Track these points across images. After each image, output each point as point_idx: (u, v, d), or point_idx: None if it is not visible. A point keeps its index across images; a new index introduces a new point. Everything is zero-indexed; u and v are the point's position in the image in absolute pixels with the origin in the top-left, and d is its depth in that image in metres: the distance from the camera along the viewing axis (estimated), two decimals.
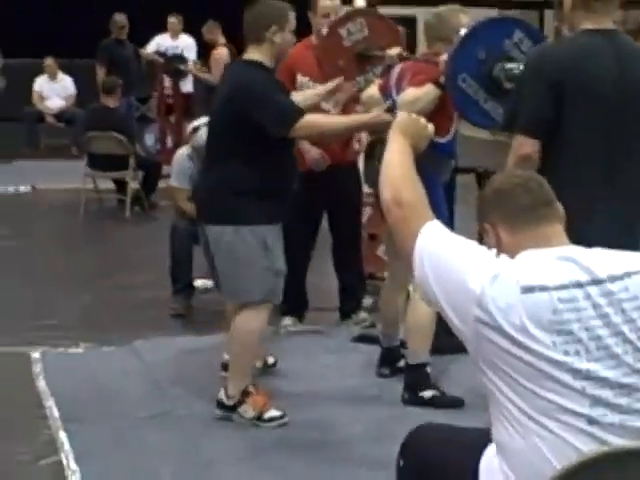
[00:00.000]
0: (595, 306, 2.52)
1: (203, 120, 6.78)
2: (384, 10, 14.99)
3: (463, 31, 4.64)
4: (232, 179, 4.55)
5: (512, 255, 2.63)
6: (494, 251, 2.67)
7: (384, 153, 3.02)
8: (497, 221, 2.72)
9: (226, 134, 4.58)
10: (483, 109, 4.57)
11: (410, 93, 4.76)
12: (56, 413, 4.79)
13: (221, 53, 11.34)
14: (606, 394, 2.49)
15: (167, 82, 12.62)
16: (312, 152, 5.71)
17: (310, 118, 4.56)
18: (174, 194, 6.91)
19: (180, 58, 12.46)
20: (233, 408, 4.66)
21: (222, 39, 11.55)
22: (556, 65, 3.78)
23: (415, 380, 4.91)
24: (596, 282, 2.54)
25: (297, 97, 4.95)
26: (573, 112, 3.76)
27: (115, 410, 4.85)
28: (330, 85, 5.09)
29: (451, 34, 4.79)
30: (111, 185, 10.51)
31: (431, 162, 4.86)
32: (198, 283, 6.90)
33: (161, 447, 4.44)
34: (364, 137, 6.01)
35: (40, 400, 4.97)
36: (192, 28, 12.63)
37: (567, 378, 2.48)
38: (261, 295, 4.58)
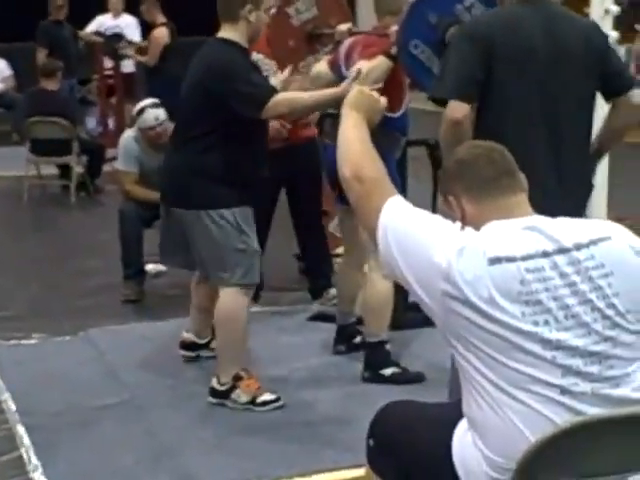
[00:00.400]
0: (562, 275, 2.52)
1: (148, 101, 6.70)
2: None
3: None
4: (203, 163, 4.51)
5: (477, 227, 2.62)
6: (458, 224, 2.65)
7: (330, 127, 2.99)
8: (460, 193, 2.72)
9: (198, 116, 4.52)
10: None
11: (361, 66, 4.71)
12: (13, 407, 4.71)
13: (160, 33, 11.10)
14: (577, 363, 2.48)
15: (108, 63, 12.41)
16: (271, 123, 5.63)
17: (280, 96, 4.52)
18: (120, 178, 6.81)
19: (118, 37, 12.23)
20: (226, 394, 4.61)
21: (161, 18, 11.32)
22: (485, 29, 3.78)
23: (375, 358, 4.90)
24: (562, 251, 2.54)
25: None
26: (503, 75, 3.75)
27: (73, 401, 4.78)
28: (282, 76, 5.09)
29: (401, 6, 4.75)
30: (54, 171, 10.35)
31: (383, 139, 4.82)
32: (149, 267, 6.83)
33: (122, 437, 4.38)
34: None
35: None
36: (135, 7, 12.41)
37: (537, 348, 2.47)
38: (238, 277, 4.54)
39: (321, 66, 5.13)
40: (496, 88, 3.76)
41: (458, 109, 3.73)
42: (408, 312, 5.20)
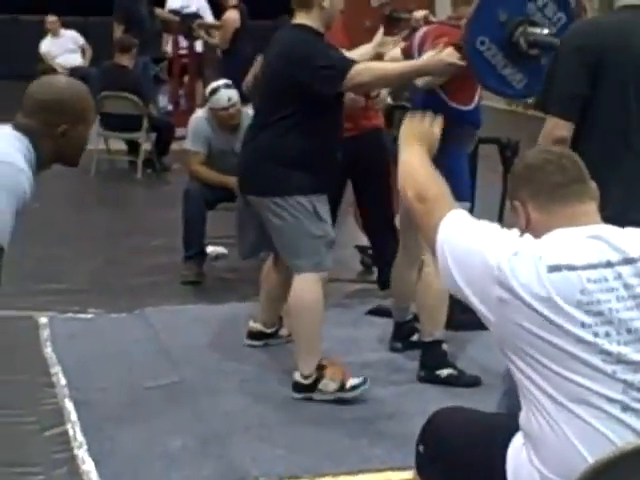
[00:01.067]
0: (626, 286, 2.43)
1: (221, 82, 6.65)
2: None
3: None
4: (283, 148, 4.47)
5: (541, 234, 2.54)
6: (516, 231, 2.56)
7: (401, 119, 2.95)
8: (527, 199, 2.64)
9: (278, 102, 4.48)
10: (501, 75, 4.40)
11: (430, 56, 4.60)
12: (63, 381, 4.69)
13: (230, 16, 11.04)
14: (638, 378, 2.38)
15: (183, 42, 12.40)
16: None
17: (361, 65, 4.45)
18: (188, 157, 6.77)
19: (195, 16, 12.20)
20: (313, 387, 4.52)
21: (233, 0, 11.31)
22: (594, 42, 3.62)
23: (431, 358, 4.79)
24: (628, 261, 2.45)
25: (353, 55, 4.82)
26: (607, 91, 3.62)
27: (124, 379, 4.75)
28: (378, 37, 5.06)
29: None
30: (123, 146, 10.37)
31: (455, 132, 4.72)
32: (210, 249, 6.79)
33: (171, 419, 4.33)
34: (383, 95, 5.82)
35: (47, 367, 4.87)
36: None
37: (597, 361, 2.38)
38: (314, 263, 4.48)
39: (395, 52, 5.04)
40: (598, 103, 3.65)
41: (562, 127, 3.65)
42: (466, 313, 5.08)
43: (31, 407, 4.44)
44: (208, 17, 12.30)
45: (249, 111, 6.70)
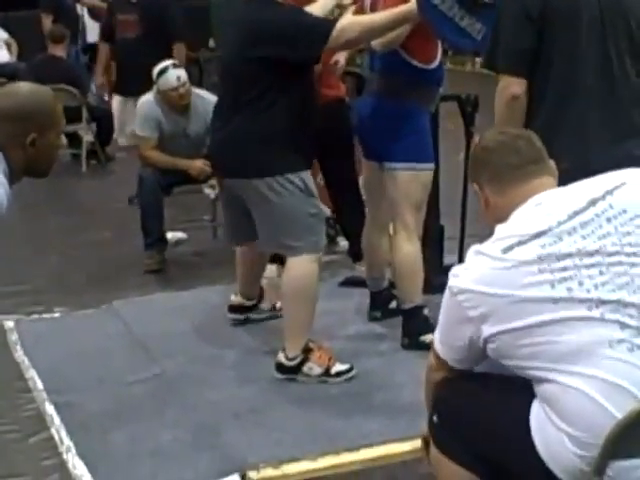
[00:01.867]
0: (584, 236, 2.43)
1: (169, 62, 6.48)
2: None
3: None
4: (263, 127, 4.29)
5: (499, 216, 2.60)
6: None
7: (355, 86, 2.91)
8: (484, 182, 2.70)
9: (252, 79, 4.29)
10: (459, 27, 4.28)
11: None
12: (40, 385, 4.54)
13: None
14: (629, 314, 2.35)
15: None
16: None
17: (345, 21, 4.31)
18: (139, 143, 6.60)
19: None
20: (297, 369, 4.40)
21: None
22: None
23: (413, 325, 4.71)
24: (577, 212, 2.46)
25: (315, 11, 4.66)
26: (557, 40, 3.60)
27: (102, 377, 4.60)
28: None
29: None
30: (63, 139, 10.14)
31: (420, 91, 4.63)
32: (169, 235, 6.66)
33: (157, 413, 4.20)
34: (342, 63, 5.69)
35: (20, 372, 4.72)
36: None
37: (583, 311, 2.36)
38: (311, 243, 4.34)
39: (348, 17, 4.88)
40: (545, 57, 3.59)
41: (515, 84, 3.66)
42: (443, 275, 5.01)
43: (10, 415, 4.30)
44: None
45: (198, 90, 6.57)
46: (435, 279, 4.99)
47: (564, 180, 2.68)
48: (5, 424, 4.20)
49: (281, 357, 4.43)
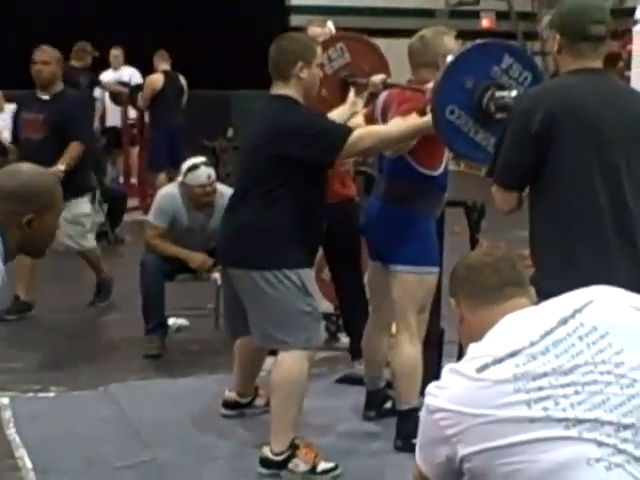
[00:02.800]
0: (557, 355, 2.41)
1: (200, 159, 6.50)
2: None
3: (450, 58, 4.43)
4: (267, 220, 4.35)
5: (472, 335, 2.62)
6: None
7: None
8: (462, 298, 2.73)
9: (262, 175, 4.37)
10: (474, 141, 4.35)
11: (397, 123, 4.54)
12: (28, 464, 4.53)
13: (151, 77, 11.66)
14: (607, 431, 2.32)
15: (132, 113, 12.39)
16: None
17: (362, 130, 4.42)
18: (146, 229, 6.65)
19: (139, 87, 12.30)
20: (282, 464, 4.37)
21: (164, 66, 11.63)
22: (539, 106, 3.60)
23: (408, 427, 4.67)
24: (549, 332, 2.45)
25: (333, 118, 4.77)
26: (562, 154, 3.61)
27: (92, 459, 4.58)
28: (351, 96, 5.02)
29: (436, 59, 4.60)
30: None
31: (424, 197, 4.69)
32: (171, 322, 6.67)
33: None
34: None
35: (10, 450, 4.70)
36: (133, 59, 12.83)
37: (560, 430, 2.33)
38: (302, 340, 4.35)
39: (358, 119, 4.97)
40: (552, 164, 3.62)
41: (506, 199, 3.71)
42: (437, 379, 5.00)
43: None
44: None
45: (220, 187, 6.60)
46: (431, 383, 4.98)
47: None
48: None
49: (267, 452, 4.40)
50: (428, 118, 4.32)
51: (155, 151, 11.71)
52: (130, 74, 12.57)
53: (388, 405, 5.10)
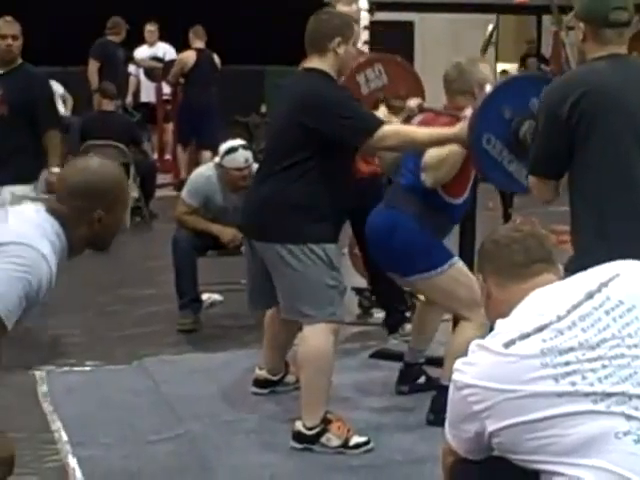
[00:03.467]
0: (584, 329, 2.43)
1: (239, 142, 6.50)
2: (383, 16, 14.96)
3: (489, 87, 4.45)
4: (295, 195, 4.36)
5: (499, 311, 2.63)
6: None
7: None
8: (489, 274, 2.73)
9: (292, 147, 4.38)
10: (507, 171, 4.36)
11: (434, 155, 4.55)
12: (64, 437, 4.57)
13: (184, 54, 11.71)
14: (634, 407, 2.35)
15: (166, 89, 12.42)
16: None
17: (391, 128, 4.42)
18: (178, 205, 6.67)
19: (173, 63, 12.33)
20: (315, 439, 4.39)
21: (198, 43, 11.62)
22: (567, 95, 3.63)
23: (442, 402, 4.68)
24: (576, 307, 2.46)
25: None
26: (594, 134, 3.62)
27: (126, 432, 4.63)
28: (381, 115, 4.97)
29: (472, 86, 4.65)
30: None
31: (434, 221, 4.65)
32: (204, 297, 6.71)
33: (176, 473, 4.23)
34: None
35: (47, 423, 4.76)
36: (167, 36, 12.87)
37: (588, 405, 2.35)
38: (327, 314, 4.36)
39: (394, 125, 4.98)
40: (585, 145, 3.64)
41: (543, 189, 3.76)
42: None
43: (33, 465, 4.33)
44: None
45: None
46: (461, 358, 4.98)
47: None
48: (27, 474, 4.22)
49: (299, 426, 4.43)
50: (456, 130, 4.33)
51: (182, 127, 11.78)
52: (165, 50, 12.60)
53: (421, 380, 5.12)
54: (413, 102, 5.06)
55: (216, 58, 11.73)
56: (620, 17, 3.69)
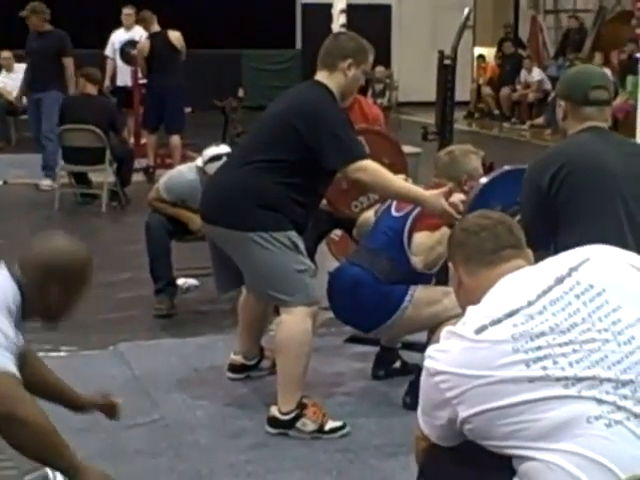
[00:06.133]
0: (554, 313, 2.44)
1: (224, 150, 6.38)
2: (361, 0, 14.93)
3: (483, 180, 4.50)
4: (264, 189, 4.36)
5: (470, 298, 2.65)
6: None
7: None
8: (459, 262, 2.76)
9: (279, 147, 4.38)
10: None
11: (425, 240, 4.60)
12: None
13: (141, 43, 11.85)
14: (604, 391, 2.35)
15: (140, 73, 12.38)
16: None
17: (373, 164, 4.40)
18: (151, 191, 6.65)
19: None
20: (291, 424, 4.40)
21: (152, 28, 11.74)
22: (547, 168, 3.76)
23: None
24: (546, 291, 2.48)
25: None
26: (576, 196, 3.72)
27: (101, 418, 4.58)
28: None
29: (460, 175, 4.73)
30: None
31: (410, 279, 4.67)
32: (180, 281, 6.70)
33: (152, 458, 4.23)
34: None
35: None
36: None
37: (559, 389, 2.36)
38: (302, 297, 4.36)
39: (369, 214, 5.07)
40: (567, 207, 3.73)
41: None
42: None
43: (8, 451, 4.28)
44: None
45: None
46: (432, 345, 4.99)
47: None
48: (2, 460, 4.20)
49: (274, 411, 4.43)
50: (434, 198, 4.35)
51: (147, 113, 11.78)
52: (141, 34, 12.54)
53: (397, 365, 5.14)
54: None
55: (174, 38, 11.54)
56: (600, 96, 3.83)
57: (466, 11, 6.84)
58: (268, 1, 17.82)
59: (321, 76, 4.52)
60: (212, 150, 6.38)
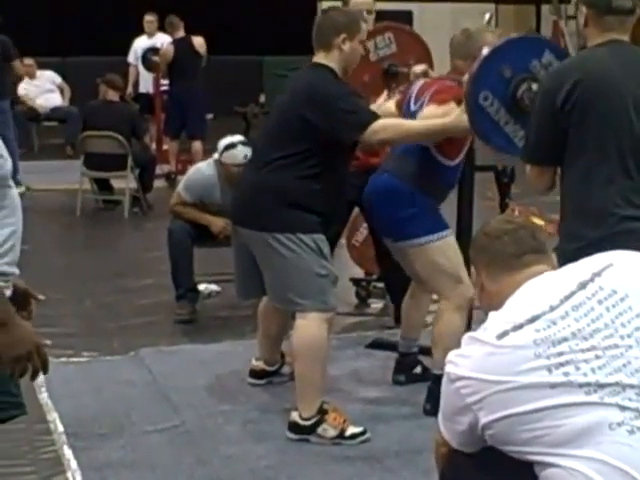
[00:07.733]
0: (577, 319, 2.42)
1: (238, 138, 6.43)
2: (382, 5, 14.89)
3: (485, 50, 4.43)
4: (288, 186, 4.35)
5: (492, 303, 2.64)
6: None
7: None
8: (482, 267, 2.74)
9: (290, 139, 4.38)
10: (503, 131, 4.31)
11: (433, 111, 4.56)
12: (60, 427, 4.57)
13: (164, 49, 11.82)
14: (628, 395, 2.33)
15: (165, 79, 12.42)
16: None
17: (388, 121, 4.42)
18: (173, 196, 6.66)
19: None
20: (311, 429, 4.39)
21: (177, 34, 11.72)
22: (563, 83, 3.63)
23: (439, 391, 4.68)
24: (568, 297, 2.45)
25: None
26: (588, 120, 3.61)
27: (122, 423, 4.63)
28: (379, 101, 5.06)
29: (475, 51, 4.61)
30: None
31: (430, 184, 4.65)
32: (202, 287, 6.70)
33: (172, 463, 4.21)
34: None
35: (43, 413, 4.74)
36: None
37: (581, 396, 2.34)
38: (319, 303, 4.35)
39: (389, 105, 5.00)
40: (579, 131, 3.63)
41: (540, 179, 3.74)
42: None
43: (29, 456, 4.32)
44: None
45: None
46: (453, 350, 4.98)
47: None
48: (23, 465, 4.22)
49: (295, 417, 4.42)
50: (455, 120, 4.33)
51: (169, 119, 11.80)
52: (163, 40, 12.57)
53: (417, 370, 5.12)
54: (419, 68, 5.10)
55: (198, 45, 11.56)
56: (624, 4, 3.68)
57: (487, 17, 6.83)
58: (290, 8, 17.90)
59: (319, 57, 4.49)
60: (226, 140, 6.40)
